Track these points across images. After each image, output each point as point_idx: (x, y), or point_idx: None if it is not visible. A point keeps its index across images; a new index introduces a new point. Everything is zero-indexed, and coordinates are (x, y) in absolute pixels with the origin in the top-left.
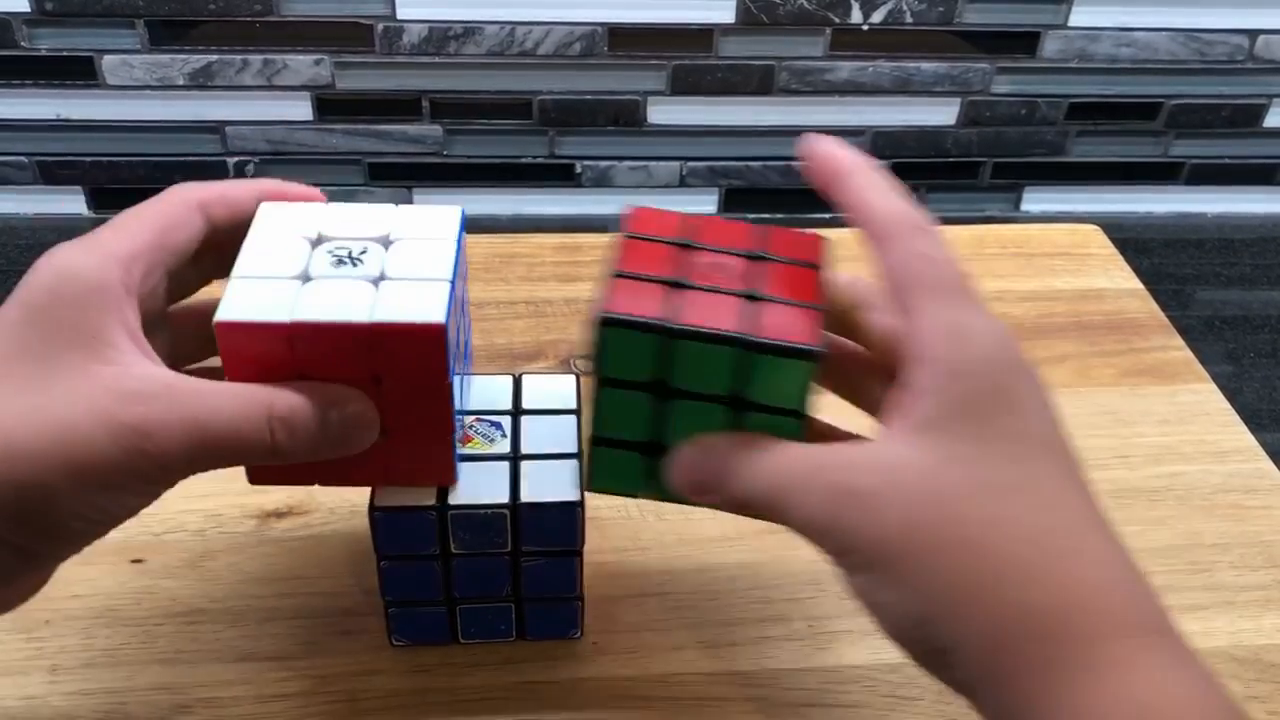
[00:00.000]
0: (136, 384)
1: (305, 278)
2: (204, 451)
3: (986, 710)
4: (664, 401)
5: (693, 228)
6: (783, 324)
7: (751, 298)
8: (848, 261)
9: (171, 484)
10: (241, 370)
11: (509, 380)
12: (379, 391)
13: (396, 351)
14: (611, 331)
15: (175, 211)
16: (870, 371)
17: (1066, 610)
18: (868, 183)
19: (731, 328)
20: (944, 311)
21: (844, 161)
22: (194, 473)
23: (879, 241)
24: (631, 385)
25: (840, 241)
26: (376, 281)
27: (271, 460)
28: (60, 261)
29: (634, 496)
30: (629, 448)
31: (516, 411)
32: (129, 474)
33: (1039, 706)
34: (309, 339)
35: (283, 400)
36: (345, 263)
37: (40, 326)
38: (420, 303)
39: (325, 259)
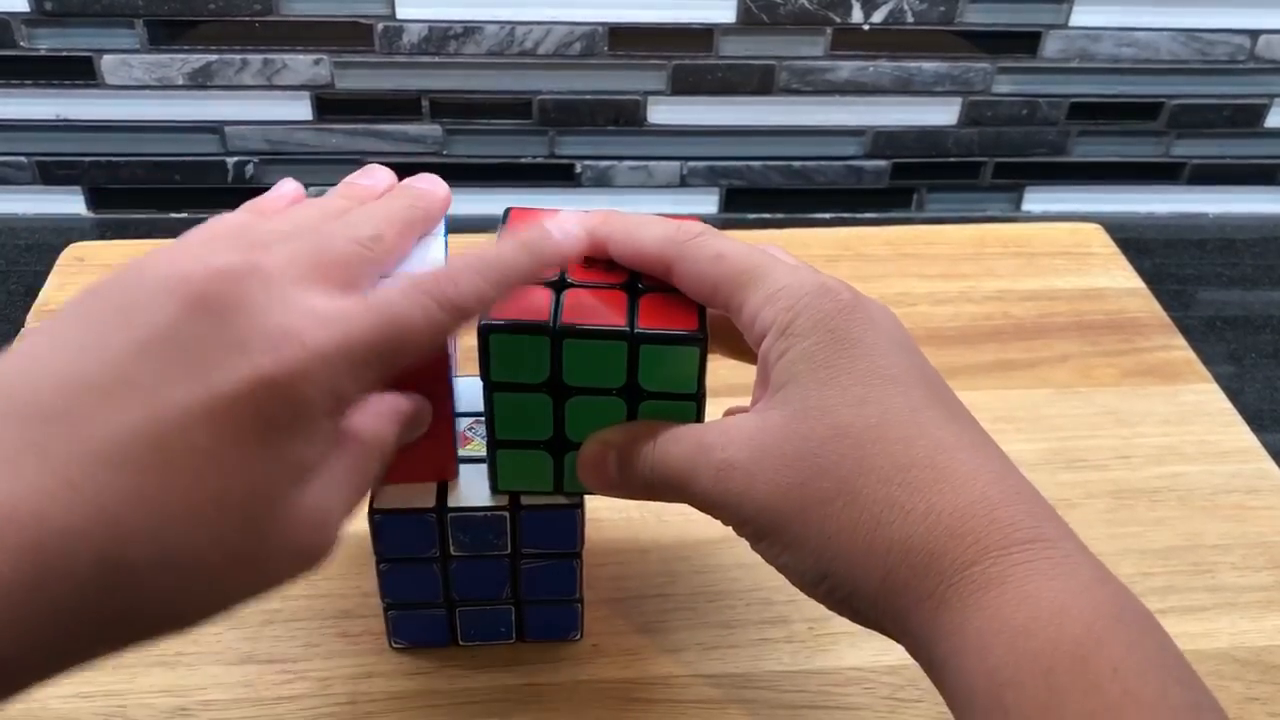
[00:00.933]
0: (327, 517)
1: None
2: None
3: (902, 644)
4: (560, 399)
5: None
6: (666, 312)
7: (632, 289)
8: (836, 262)
9: None
10: None
11: None
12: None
13: None
14: (496, 338)
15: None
16: None
17: (938, 540)
18: (620, 230)
19: (615, 322)
20: (755, 292)
21: (575, 236)
22: None
23: (668, 272)
24: (525, 387)
25: (838, 240)
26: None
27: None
28: (313, 398)
29: (547, 493)
30: (533, 447)
31: None
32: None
33: (931, 637)
34: None
35: (393, 447)
36: None
37: (271, 452)
38: None
39: None
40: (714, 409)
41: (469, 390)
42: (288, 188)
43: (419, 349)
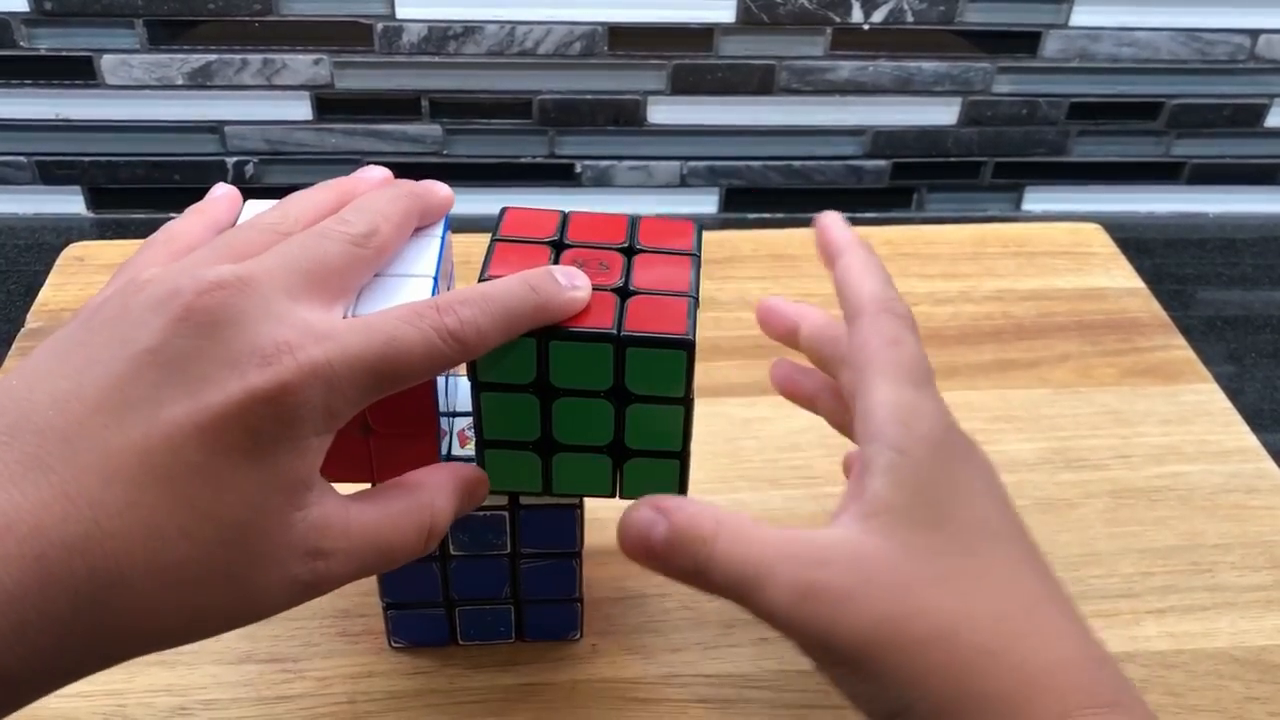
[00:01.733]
0: (319, 539)
1: None
2: (356, 578)
3: None
4: (547, 400)
5: (567, 226)
6: (654, 315)
7: (622, 292)
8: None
9: None
10: None
11: None
12: None
13: None
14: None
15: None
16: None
17: (1027, 692)
18: (853, 261)
19: (602, 324)
20: (895, 393)
21: (838, 239)
22: None
23: (851, 318)
24: (513, 388)
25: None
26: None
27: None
28: (311, 405)
29: (535, 494)
30: (521, 448)
31: None
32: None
33: None
34: None
35: (439, 515)
36: None
37: (263, 466)
38: (401, 300)
39: None
40: (707, 409)
41: (466, 390)
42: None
43: (414, 375)
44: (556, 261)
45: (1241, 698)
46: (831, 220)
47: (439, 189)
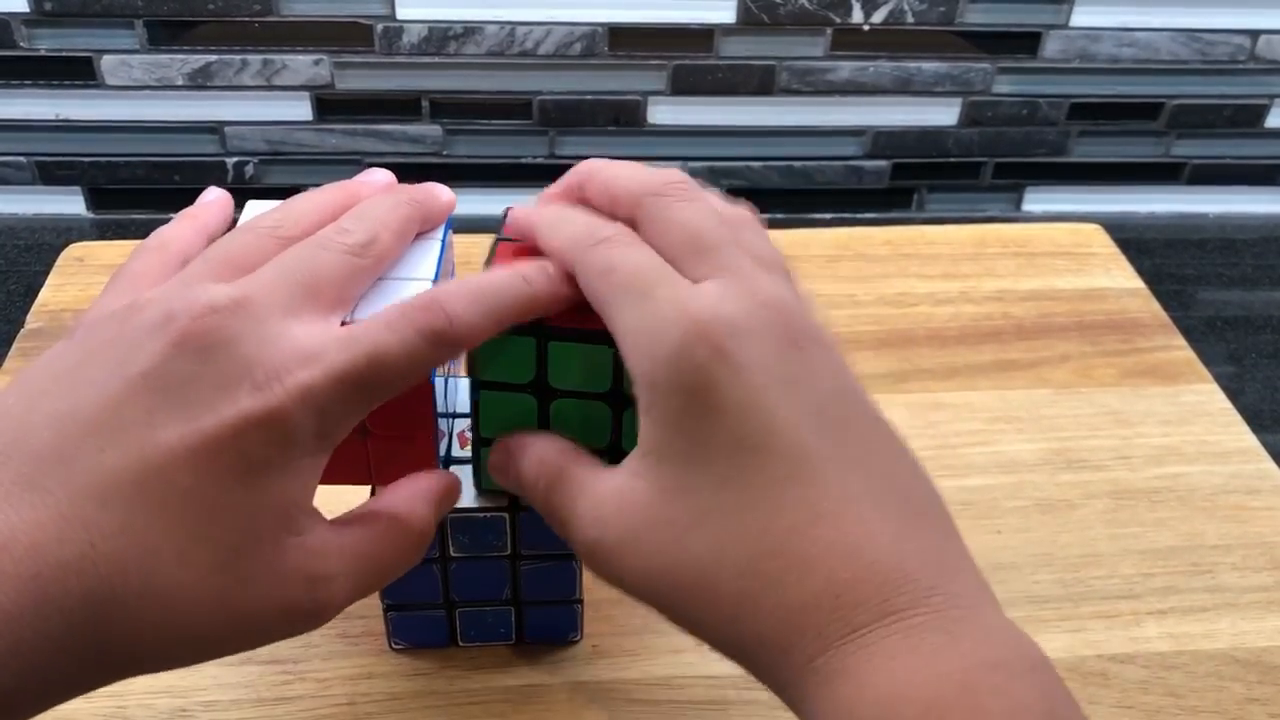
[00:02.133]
0: (319, 565)
1: None
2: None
3: None
4: (545, 401)
5: None
6: None
7: None
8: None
9: None
10: None
11: None
12: None
13: None
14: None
15: (414, 367)
16: None
17: (787, 634)
18: (540, 220)
19: (603, 326)
20: (624, 325)
21: (525, 221)
22: None
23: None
24: (511, 387)
25: (838, 240)
26: None
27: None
28: (298, 424)
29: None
30: None
31: None
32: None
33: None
34: None
35: (427, 525)
36: None
37: (255, 490)
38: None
39: None
40: None
41: (466, 390)
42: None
43: (402, 381)
44: None
45: (1242, 699)
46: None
47: (440, 194)
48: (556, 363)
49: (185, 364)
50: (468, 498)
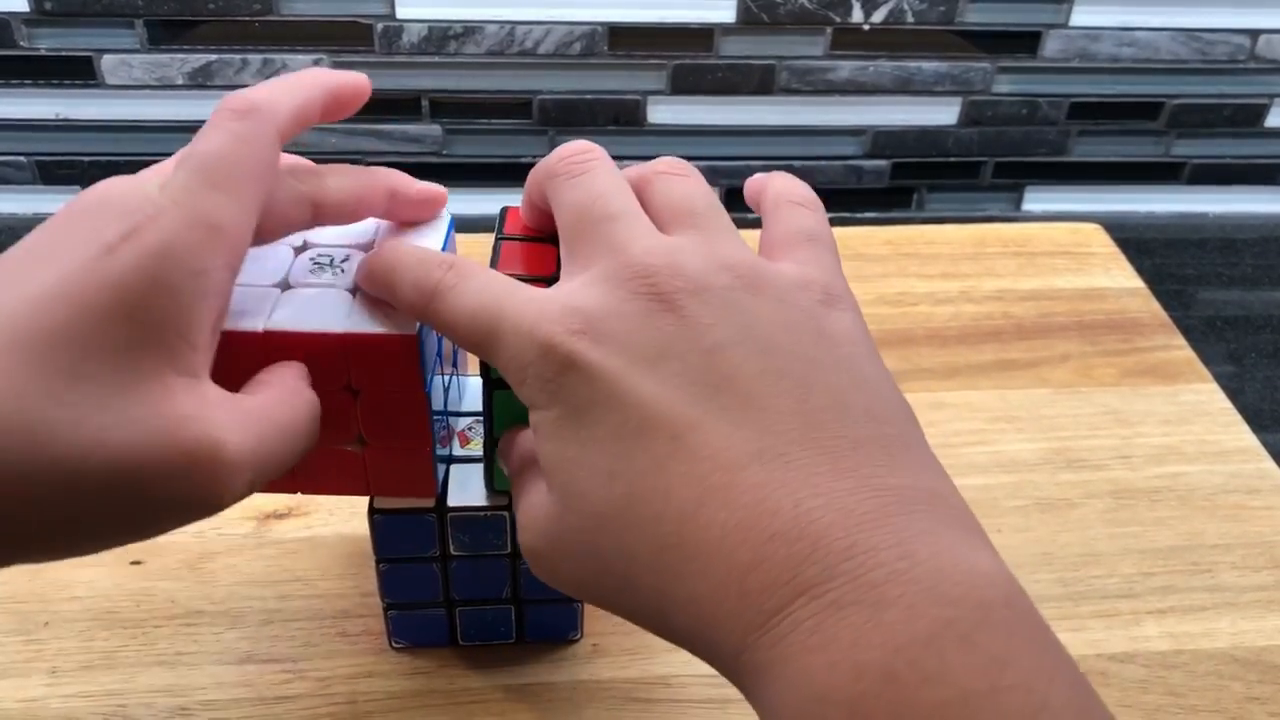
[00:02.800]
0: (209, 412)
1: (284, 285)
2: (264, 473)
3: None
4: None
5: None
6: None
7: None
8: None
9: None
10: (220, 376)
11: None
12: (355, 401)
13: (369, 362)
14: None
15: (264, 154)
16: None
17: (707, 632)
18: (377, 270)
19: None
20: (497, 359)
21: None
22: (256, 489)
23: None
24: None
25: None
26: (355, 290)
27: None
28: (165, 241)
29: None
30: None
31: None
32: (194, 510)
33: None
34: (283, 348)
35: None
36: (326, 270)
37: (133, 318)
38: (395, 312)
39: (306, 266)
40: None
41: (471, 390)
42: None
43: (254, 164)
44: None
45: (1242, 698)
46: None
47: (351, 78)
48: None
49: (71, 220)
50: (474, 497)
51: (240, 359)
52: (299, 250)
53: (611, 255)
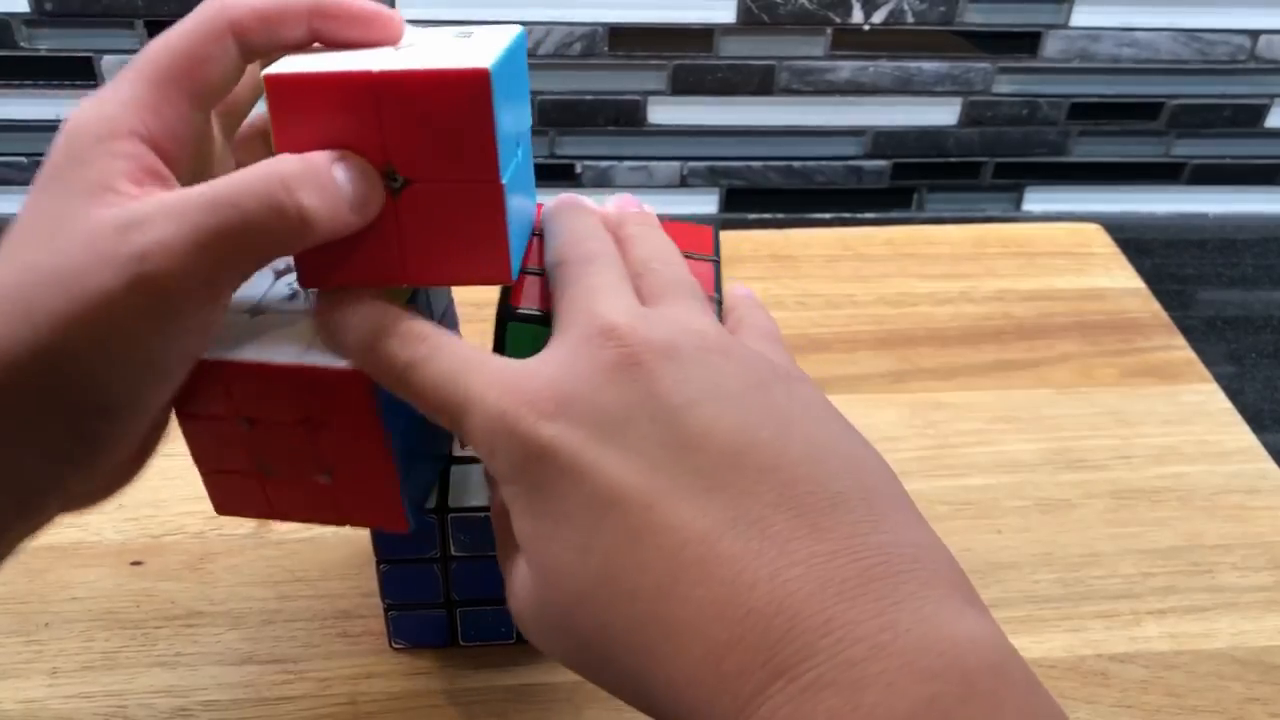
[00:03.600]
0: (132, 213)
1: (256, 311)
2: (218, 258)
3: None
4: None
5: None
6: None
7: None
8: (836, 262)
9: (200, 317)
10: (183, 401)
11: None
12: (314, 436)
13: (324, 396)
14: (514, 327)
15: (200, 45)
16: None
17: (684, 714)
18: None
19: None
20: (464, 432)
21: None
22: (221, 292)
23: None
24: None
25: (838, 240)
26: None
27: (303, 243)
28: (73, 119)
29: None
30: None
31: None
32: (145, 314)
33: None
34: (240, 376)
35: (289, 162)
36: (301, 297)
37: (54, 187)
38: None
39: (282, 291)
40: None
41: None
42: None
43: (186, 57)
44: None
45: (1242, 698)
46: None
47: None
48: None
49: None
50: (474, 497)
51: (200, 385)
52: (280, 274)
53: (584, 316)
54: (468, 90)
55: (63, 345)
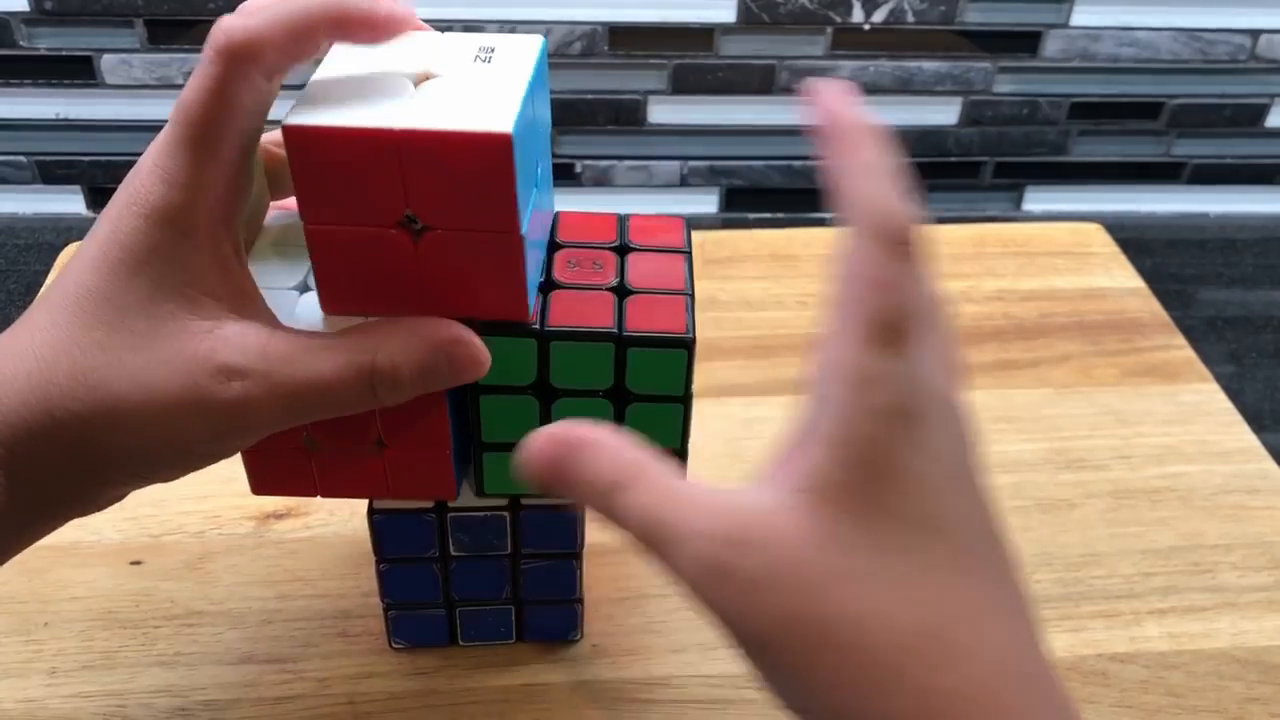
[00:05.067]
0: (231, 355)
1: (304, 288)
2: (299, 416)
3: None
4: (547, 401)
5: (556, 226)
6: (653, 314)
7: (620, 291)
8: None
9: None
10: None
11: None
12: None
13: None
14: (484, 340)
15: (237, 93)
16: None
17: (923, 717)
18: (863, 167)
19: (603, 324)
20: (856, 351)
21: (847, 130)
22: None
23: (852, 239)
24: (512, 390)
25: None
26: None
27: (372, 408)
28: (151, 199)
29: (532, 495)
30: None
31: None
32: (220, 443)
33: None
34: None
35: (387, 359)
36: None
37: (143, 275)
38: None
39: None
40: (708, 409)
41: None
42: None
43: (237, 112)
44: (551, 261)
45: (1242, 698)
46: (835, 93)
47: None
48: (558, 362)
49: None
50: (474, 497)
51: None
52: None
53: (946, 361)
54: (489, 153)
55: (128, 435)
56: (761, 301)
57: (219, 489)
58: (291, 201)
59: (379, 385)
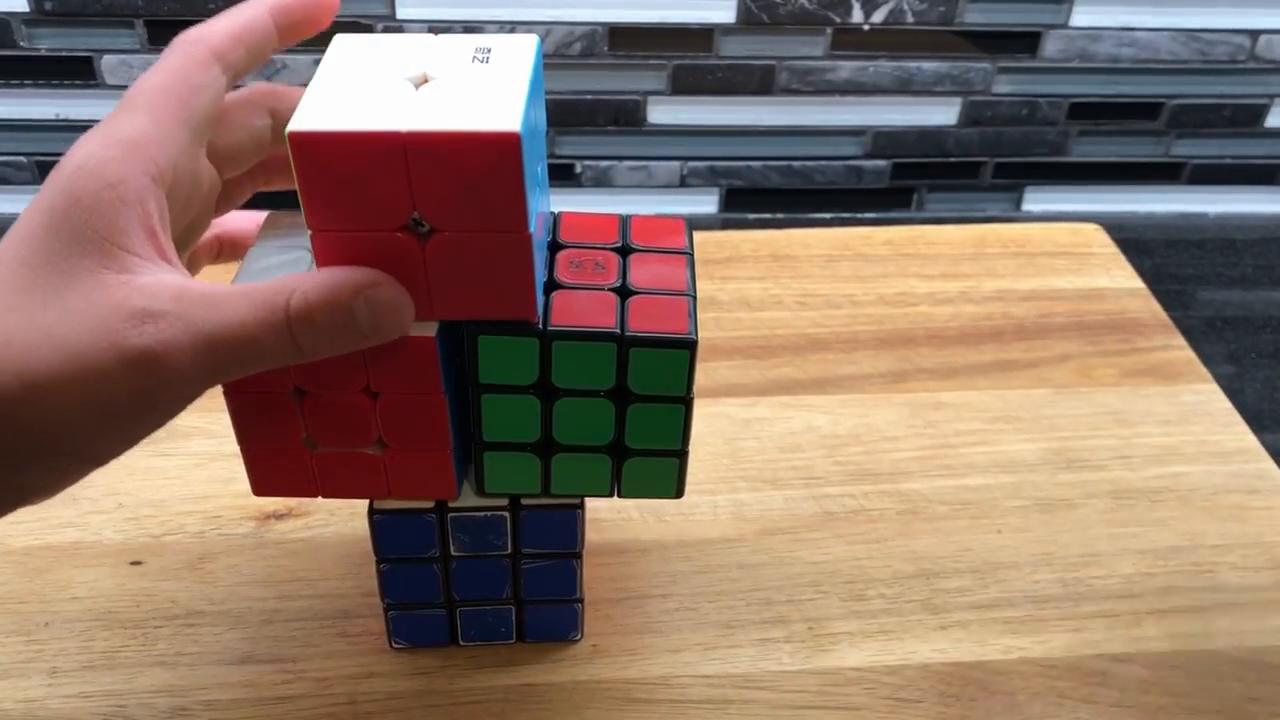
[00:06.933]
0: (145, 300)
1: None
2: (219, 367)
3: None
4: (548, 401)
5: (559, 227)
6: (655, 315)
7: (622, 292)
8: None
9: (189, 402)
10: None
11: None
12: (374, 404)
13: (388, 363)
14: (485, 340)
15: (191, 75)
16: None
17: None
18: None
19: (605, 324)
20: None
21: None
22: (212, 386)
23: None
24: (513, 389)
25: (838, 240)
26: None
27: (297, 362)
28: (79, 158)
29: (533, 495)
30: (521, 449)
31: None
32: (143, 399)
33: None
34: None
35: (300, 297)
36: None
37: (60, 232)
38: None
39: None
40: (707, 409)
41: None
42: None
43: (181, 83)
44: (554, 262)
45: (1242, 698)
46: None
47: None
48: (560, 362)
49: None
50: (474, 497)
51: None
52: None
53: None
54: (498, 152)
55: (46, 400)
56: (761, 302)
57: (219, 489)
58: (246, 215)
59: (296, 328)
